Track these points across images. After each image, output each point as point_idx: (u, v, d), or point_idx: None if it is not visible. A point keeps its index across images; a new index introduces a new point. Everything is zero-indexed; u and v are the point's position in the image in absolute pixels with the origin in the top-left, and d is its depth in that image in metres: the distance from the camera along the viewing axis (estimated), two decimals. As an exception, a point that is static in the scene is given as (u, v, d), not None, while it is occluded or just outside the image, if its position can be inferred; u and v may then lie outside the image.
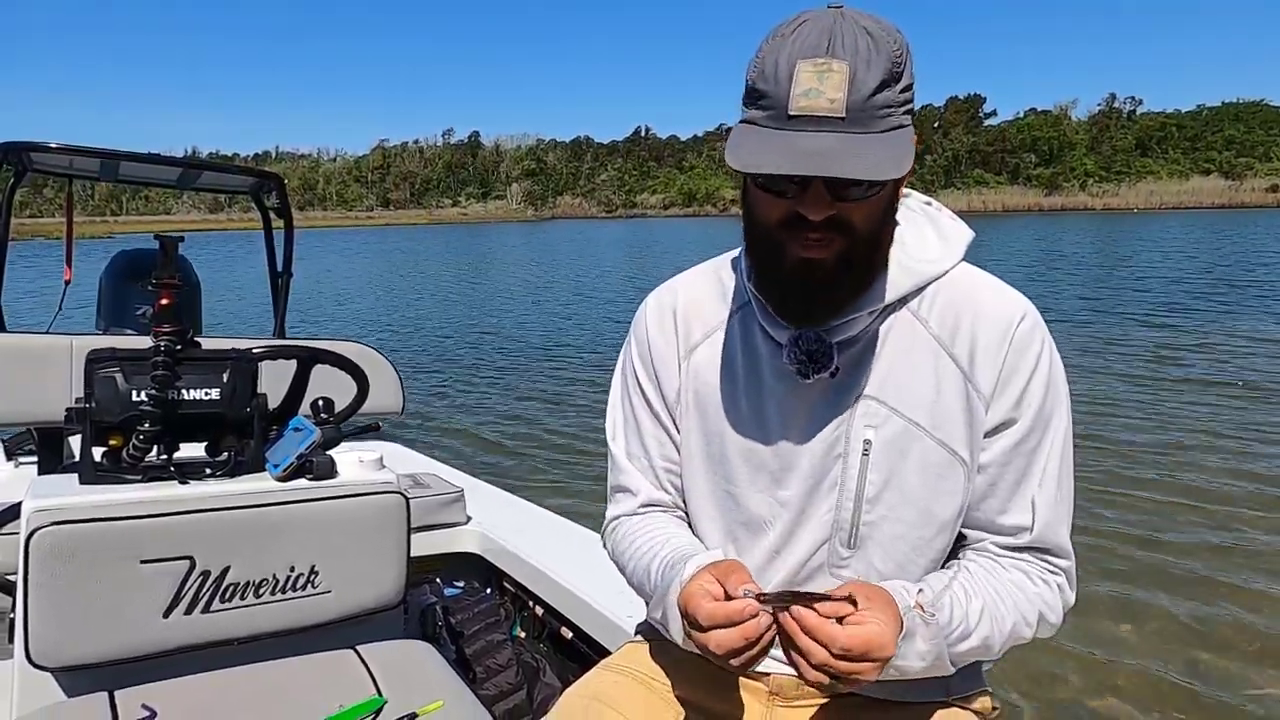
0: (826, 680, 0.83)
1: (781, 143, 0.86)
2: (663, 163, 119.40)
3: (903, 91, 0.89)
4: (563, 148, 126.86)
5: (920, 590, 0.93)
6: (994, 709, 1.12)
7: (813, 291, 0.94)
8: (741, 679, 1.10)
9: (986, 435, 0.98)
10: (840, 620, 0.83)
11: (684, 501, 1.14)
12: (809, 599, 0.84)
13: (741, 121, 0.92)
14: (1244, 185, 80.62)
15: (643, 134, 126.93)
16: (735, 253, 1.13)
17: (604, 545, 1.22)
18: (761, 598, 0.85)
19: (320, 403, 1.53)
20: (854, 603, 0.84)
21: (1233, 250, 24.82)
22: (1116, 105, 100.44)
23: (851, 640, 0.81)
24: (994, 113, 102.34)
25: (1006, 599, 0.97)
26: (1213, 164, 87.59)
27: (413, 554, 1.58)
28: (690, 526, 1.14)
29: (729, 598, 0.87)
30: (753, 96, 0.91)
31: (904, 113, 0.89)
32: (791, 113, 0.86)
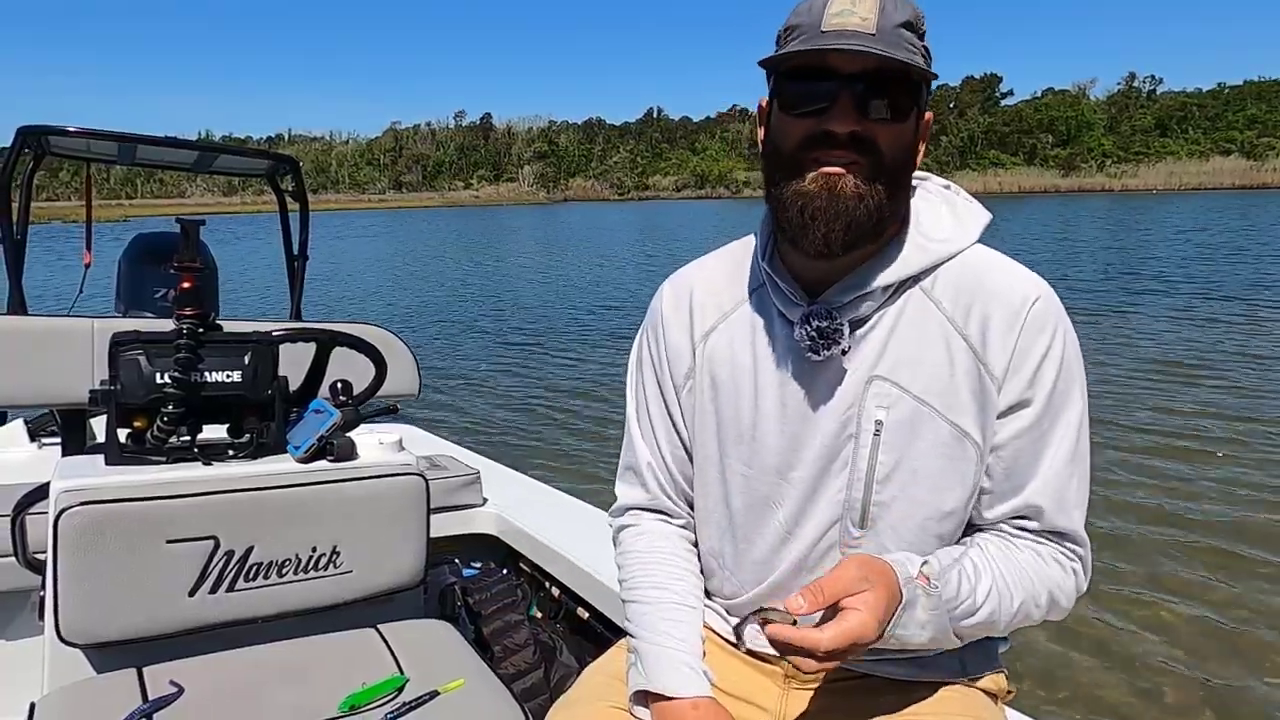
0: (830, 667, 0.86)
1: (816, 45, 0.90)
2: (675, 145, 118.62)
3: (924, 48, 0.93)
4: (575, 129, 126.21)
5: (926, 563, 0.92)
6: (1008, 691, 1.12)
7: (835, 211, 0.92)
8: (758, 661, 1.11)
9: (999, 417, 0.98)
10: (830, 611, 0.85)
11: (693, 486, 1.15)
12: (771, 612, 0.89)
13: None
14: (1265, 165, 79.32)
15: (655, 116, 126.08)
16: (750, 238, 1.14)
17: (609, 523, 1.24)
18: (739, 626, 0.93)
19: (339, 385, 1.54)
20: (820, 592, 0.84)
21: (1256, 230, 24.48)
22: (1136, 85, 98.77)
23: (835, 642, 0.82)
24: (1010, 93, 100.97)
25: (1016, 578, 0.97)
26: (1233, 144, 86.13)
27: (431, 535, 1.60)
28: (695, 515, 1.16)
29: None
30: (786, 34, 0.95)
31: (925, 64, 0.92)
32: (824, 29, 0.90)
